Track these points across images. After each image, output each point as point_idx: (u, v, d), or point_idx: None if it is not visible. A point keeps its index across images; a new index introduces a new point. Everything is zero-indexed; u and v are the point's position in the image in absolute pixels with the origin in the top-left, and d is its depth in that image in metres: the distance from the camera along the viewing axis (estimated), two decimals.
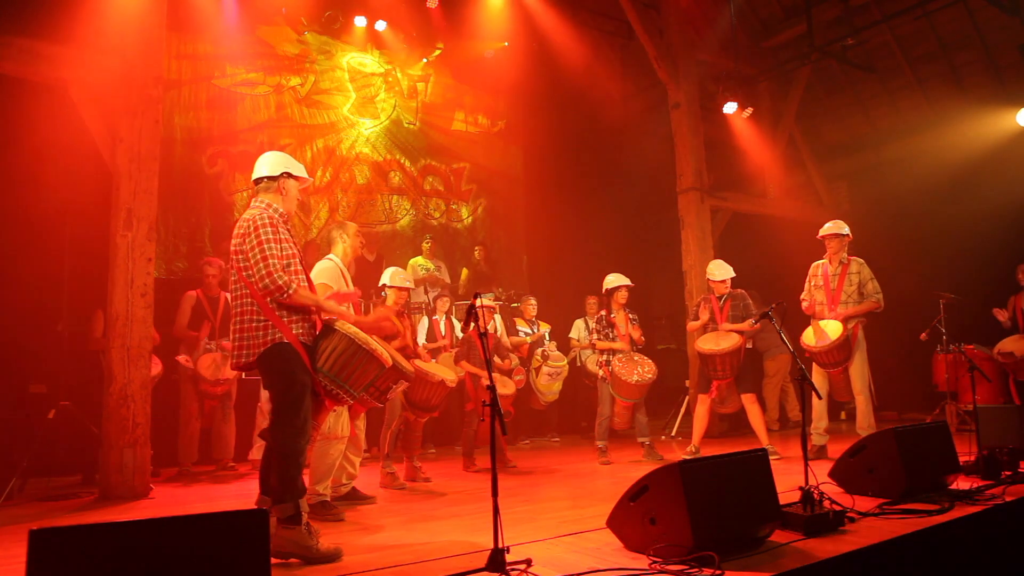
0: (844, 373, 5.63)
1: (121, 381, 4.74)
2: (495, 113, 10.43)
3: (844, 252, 5.75)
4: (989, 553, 3.45)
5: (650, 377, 5.92)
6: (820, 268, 5.86)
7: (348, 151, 9.04)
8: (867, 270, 5.69)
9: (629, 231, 10.57)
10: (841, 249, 5.74)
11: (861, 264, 5.71)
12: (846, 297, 5.63)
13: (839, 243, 5.73)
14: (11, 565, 2.90)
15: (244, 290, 3.15)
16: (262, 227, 3.13)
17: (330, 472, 4.07)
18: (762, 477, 3.03)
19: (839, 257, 5.73)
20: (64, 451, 5.34)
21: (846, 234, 5.75)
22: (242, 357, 3.13)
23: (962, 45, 8.41)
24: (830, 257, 5.79)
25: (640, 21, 7.77)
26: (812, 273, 5.91)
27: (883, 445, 3.79)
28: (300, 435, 3.08)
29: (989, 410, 5.18)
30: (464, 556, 2.91)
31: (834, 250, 5.75)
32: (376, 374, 3.34)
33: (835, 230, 5.76)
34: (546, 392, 7.43)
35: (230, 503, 4.52)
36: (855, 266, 5.69)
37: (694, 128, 8.09)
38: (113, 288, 4.83)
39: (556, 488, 4.93)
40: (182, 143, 7.77)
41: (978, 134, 8.16)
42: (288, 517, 2.95)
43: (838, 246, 5.73)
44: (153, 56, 5.12)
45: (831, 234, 5.75)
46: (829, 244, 5.77)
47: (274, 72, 8.51)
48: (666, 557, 2.69)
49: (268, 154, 3.44)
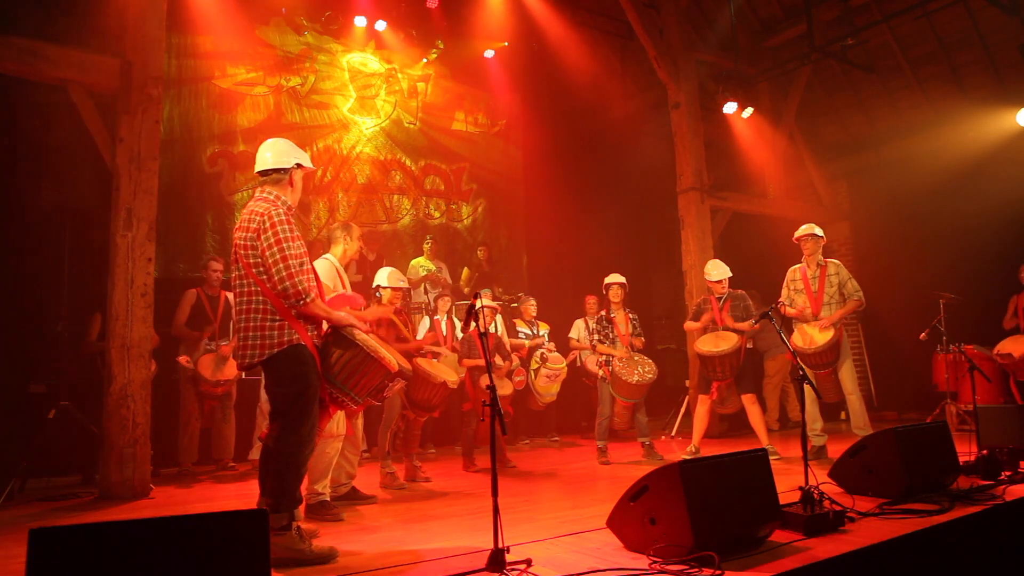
0: (833, 375, 5.68)
1: (121, 381, 4.74)
2: (495, 113, 10.43)
3: (820, 254, 5.80)
4: (989, 553, 3.45)
5: (650, 377, 5.92)
6: (799, 272, 5.90)
7: (348, 151, 9.04)
8: (844, 270, 5.76)
9: (629, 231, 10.57)
10: (817, 251, 5.79)
11: (838, 265, 5.78)
12: (828, 299, 5.68)
13: (815, 244, 5.78)
14: (11, 565, 2.90)
15: (253, 287, 3.00)
16: (279, 224, 2.98)
17: (328, 470, 4.06)
18: (762, 477, 3.04)
19: (815, 259, 5.79)
20: (64, 451, 5.34)
21: (820, 235, 5.82)
22: (247, 357, 3.00)
23: (962, 45, 8.41)
24: (807, 259, 5.84)
25: (640, 21, 7.76)
26: (791, 277, 5.95)
27: (883, 445, 3.79)
28: (304, 444, 3.01)
29: (989, 410, 5.18)
30: (464, 556, 2.91)
31: (810, 251, 5.79)
32: (381, 380, 3.32)
33: (809, 231, 5.81)
34: (544, 393, 7.43)
35: (230, 503, 4.52)
36: (832, 268, 5.76)
37: (694, 128, 8.09)
38: (113, 288, 4.83)
39: (556, 488, 4.93)
40: (182, 143, 7.76)
41: (978, 134, 8.15)
42: (281, 527, 2.89)
43: (814, 247, 5.78)
44: (153, 56, 5.11)
45: (807, 235, 5.80)
46: (805, 246, 5.80)
47: (274, 72, 8.51)
48: (666, 557, 2.69)
49: (271, 142, 3.25)
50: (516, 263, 10.40)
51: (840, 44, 7.42)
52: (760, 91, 9.29)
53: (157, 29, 5.17)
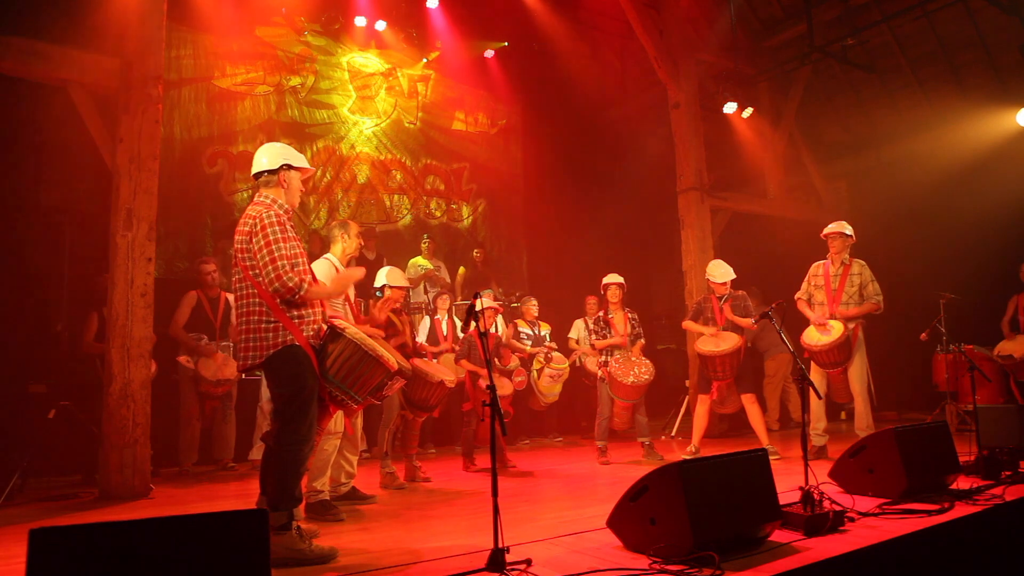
0: (843, 374, 5.62)
1: (121, 381, 4.74)
2: (495, 113, 10.43)
3: (846, 253, 5.74)
4: (989, 553, 3.45)
5: (647, 378, 5.90)
6: (821, 268, 5.85)
7: (349, 150, 9.05)
8: (868, 271, 5.69)
9: (629, 231, 10.57)
10: (844, 249, 5.73)
11: (863, 266, 5.71)
12: (847, 298, 5.63)
13: (843, 243, 5.72)
14: (11, 565, 2.90)
15: (251, 289, 3.05)
16: (270, 226, 3.04)
17: (326, 468, 4.05)
18: (762, 477, 3.03)
19: (841, 257, 5.73)
20: (64, 451, 5.33)
21: (849, 234, 5.74)
22: (248, 359, 3.04)
23: (962, 45, 8.41)
24: (832, 257, 5.78)
25: (640, 21, 7.76)
26: (813, 273, 5.90)
27: (883, 445, 3.79)
28: (304, 443, 3.03)
29: (989, 410, 5.18)
30: (464, 556, 2.90)
31: (837, 250, 5.74)
32: (381, 379, 3.32)
33: (839, 229, 5.75)
34: (547, 394, 7.43)
35: (230, 503, 4.52)
36: (857, 267, 5.69)
37: (694, 128, 8.08)
38: (113, 288, 4.82)
39: (556, 488, 4.93)
40: (182, 143, 7.77)
41: (978, 134, 8.15)
42: (280, 525, 2.91)
43: (841, 246, 5.72)
44: (153, 56, 5.11)
45: (835, 232, 5.74)
46: (832, 243, 5.75)
47: (274, 72, 8.51)
48: (666, 557, 2.69)
49: (265, 146, 3.32)
50: (516, 263, 10.40)
51: (840, 44, 7.43)
52: (760, 91, 9.29)
53: (157, 29, 5.16)
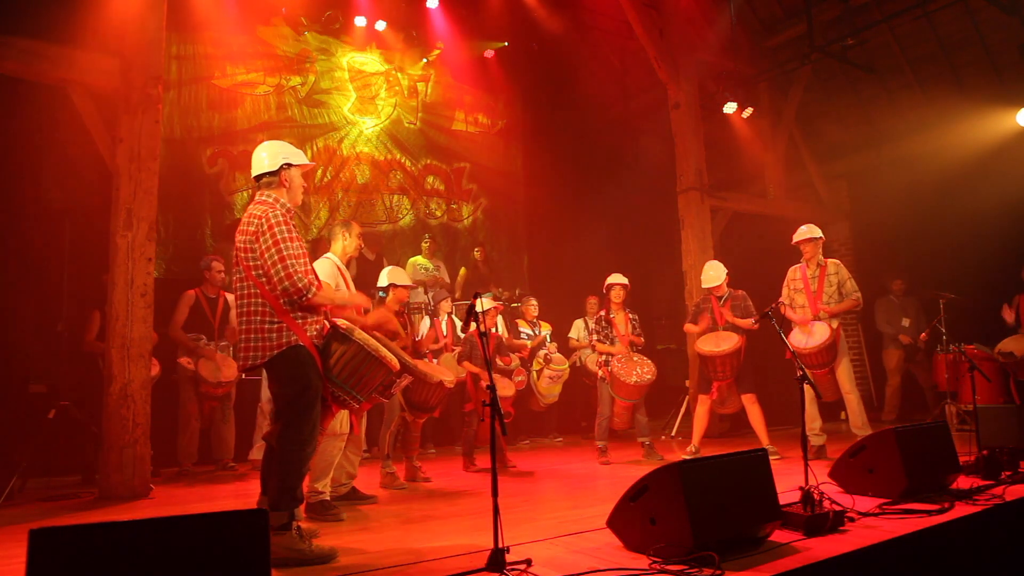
0: (830, 374, 5.72)
1: (121, 381, 4.74)
2: (495, 113, 10.43)
3: (820, 255, 5.88)
4: (989, 553, 3.45)
5: (649, 378, 5.92)
6: (799, 271, 5.98)
7: (349, 150, 9.05)
8: (844, 270, 5.84)
9: (629, 231, 10.57)
10: (817, 252, 5.87)
11: (838, 265, 5.86)
12: (827, 298, 5.76)
13: (814, 246, 5.86)
14: (11, 565, 2.90)
15: (253, 290, 3.04)
16: (276, 226, 3.02)
17: (329, 469, 4.06)
18: (762, 477, 3.03)
19: (816, 260, 5.86)
20: (64, 451, 5.33)
21: (820, 237, 5.89)
22: (249, 359, 3.03)
23: (962, 45, 8.40)
24: (807, 260, 5.91)
25: (640, 21, 7.76)
26: (791, 277, 6.03)
27: (883, 445, 3.79)
28: (306, 444, 3.03)
29: (989, 410, 5.18)
30: (464, 556, 2.90)
31: (810, 254, 5.88)
32: (383, 379, 3.32)
33: (809, 234, 5.88)
34: (546, 394, 7.43)
35: (230, 503, 4.52)
36: (832, 267, 5.83)
37: (694, 128, 8.08)
38: (113, 288, 4.82)
39: (556, 488, 4.93)
40: (182, 143, 7.77)
41: (978, 134, 8.14)
42: (280, 525, 2.90)
43: (813, 250, 5.86)
44: (153, 56, 5.11)
45: (806, 239, 5.87)
46: (805, 248, 5.89)
47: (274, 72, 8.51)
48: (666, 557, 2.69)
49: (263, 146, 3.29)
50: (516, 263, 10.40)
51: (840, 44, 7.42)
52: (760, 91, 9.28)
53: (157, 29, 5.16)
